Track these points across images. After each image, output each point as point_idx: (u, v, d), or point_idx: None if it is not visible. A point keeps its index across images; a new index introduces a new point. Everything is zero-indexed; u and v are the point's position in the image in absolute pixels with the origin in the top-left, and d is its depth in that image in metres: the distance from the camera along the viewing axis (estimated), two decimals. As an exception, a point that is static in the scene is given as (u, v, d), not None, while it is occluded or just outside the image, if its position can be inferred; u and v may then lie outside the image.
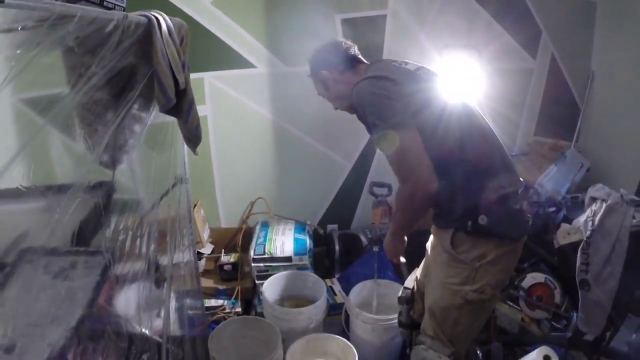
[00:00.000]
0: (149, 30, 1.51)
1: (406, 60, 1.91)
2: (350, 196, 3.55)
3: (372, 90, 1.71)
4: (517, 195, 1.72)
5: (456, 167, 1.67)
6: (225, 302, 2.97)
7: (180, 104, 1.73)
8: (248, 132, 3.27)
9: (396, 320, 2.53)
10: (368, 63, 2.00)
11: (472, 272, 1.69)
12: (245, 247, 3.29)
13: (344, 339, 2.52)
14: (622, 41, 3.17)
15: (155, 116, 1.92)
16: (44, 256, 1.46)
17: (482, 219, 1.63)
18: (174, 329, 1.88)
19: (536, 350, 2.12)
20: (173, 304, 1.87)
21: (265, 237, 3.11)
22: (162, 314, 1.74)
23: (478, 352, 2.40)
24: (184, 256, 2.15)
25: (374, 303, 2.63)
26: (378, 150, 3.32)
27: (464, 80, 3.10)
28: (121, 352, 1.44)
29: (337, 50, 2.01)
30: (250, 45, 3.07)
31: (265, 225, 3.30)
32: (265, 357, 2.24)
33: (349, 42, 2.05)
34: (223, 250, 3.22)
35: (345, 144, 3.42)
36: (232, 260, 3.11)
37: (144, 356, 1.55)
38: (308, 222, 3.41)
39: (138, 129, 2.21)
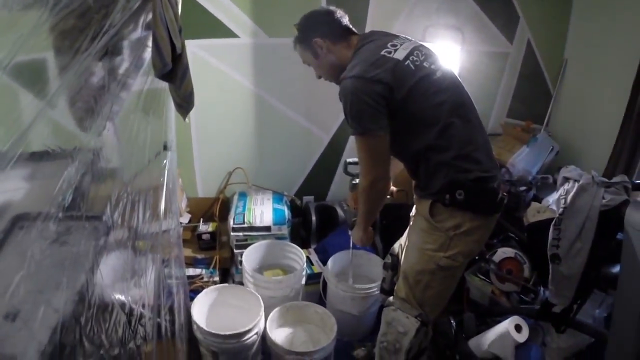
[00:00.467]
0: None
1: (396, 42, 1.85)
2: (326, 169, 3.61)
3: (358, 95, 1.73)
4: (494, 177, 1.83)
5: (440, 152, 1.77)
6: (204, 271, 3.00)
7: (175, 69, 1.73)
8: (228, 102, 3.26)
9: (373, 290, 2.64)
10: (359, 35, 1.99)
11: (446, 240, 1.81)
12: (223, 217, 3.32)
13: (322, 307, 2.61)
14: (596, 31, 3.28)
15: (144, 82, 1.91)
16: (37, 222, 1.47)
17: (460, 194, 1.75)
18: (158, 298, 1.90)
19: (508, 320, 2.26)
20: (157, 272, 1.89)
21: (244, 206, 3.15)
22: (146, 282, 1.76)
23: (452, 321, 2.53)
24: (169, 224, 2.16)
25: (350, 273, 2.71)
26: None
27: (445, 59, 3.17)
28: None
29: (331, 19, 1.97)
30: (234, 15, 3.05)
31: (243, 195, 3.34)
32: (247, 324, 2.30)
33: (342, 11, 2.01)
34: (201, 220, 3.24)
35: (323, 118, 3.46)
36: (210, 229, 3.14)
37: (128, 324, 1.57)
38: (285, 193, 3.46)
39: (124, 95, 2.20)
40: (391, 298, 2.00)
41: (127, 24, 1.88)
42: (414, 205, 2.10)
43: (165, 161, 1.97)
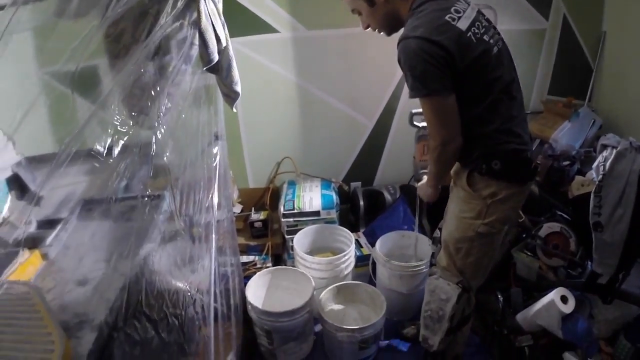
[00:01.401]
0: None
1: (459, 7, 1.79)
2: (372, 154, 3.69)
3: (423, 56, 1.68)
4: (527, 149, 1.90)
5: (483, 125, 1.82)
6: (257, 257, 3.16)
7: (221, 62, 1.87)
8: (273, 95, 3.39)
9: (421, 268, 2.71)
10: None
11: (484, 207, 1.88)
12: (273, 206, 3.47)
13: (372, 286, 2.71)
14: (632, 1, 3.23)
15: (193, 77, 2.05)
16: (101, 204, 1.64)
17: (495, 164, 1.82)
18: (214, 283, 2.03)
19: (554, 291, 2.29)
20: (213, 259, 2.01)
21: (293, 194, 3.28)
22: (203, 267, 1.88)
23: (499, 296, 2.57)
24: (223, 212, 2.30)
25: (413, 249, 2.83)
26: (405, 93, 3.44)
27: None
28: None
29: None
30: (273, 11, 3.16)
31: (292, 183, 3.47)
32: (300, 303, 2.42)
33: None
34: (253, 209, 3.39)
35: (366, 104, 3.54)
36: (261, 217, 3.29)
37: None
38: (333, 180, 3.57)
39: (173, 91, 2.36)
40: (433, 268, 2.11)
41: (174, 24, 2.04)
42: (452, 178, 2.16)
43: (217, 150, 2.09)
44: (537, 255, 2.73)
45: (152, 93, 2.29)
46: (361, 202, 3.45)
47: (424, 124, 2.35)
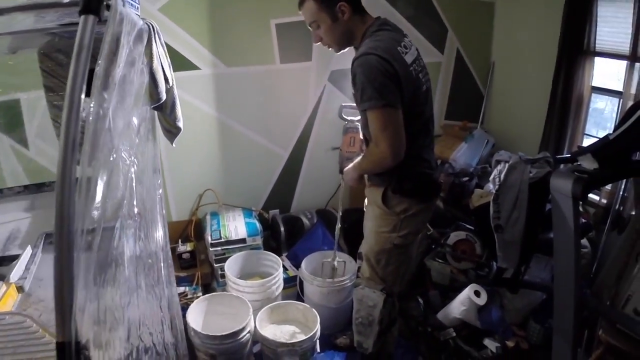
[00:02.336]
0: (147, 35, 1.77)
1: (406, 43, 1.97)
2: (288, 182, 3.91)
3: (381, 69, 1.81)
4: (434, 172, 2.19)
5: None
6: (187, 288, 3.22)
7: (167, 100, 1.99)
8: (194, 129, 3.50)
9: (346, 282, 2.93)
10: (371, 17, 2.07)
11: (398, 222, 2.13)
12: (198, 237, 3.56)
13: (303, 304, 2.88)
14: (517, 34, 3.76)
15: (134, 113, 2.13)
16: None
17: (407, 184, 2.08)
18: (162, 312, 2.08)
19: (468, 287, 2.61)
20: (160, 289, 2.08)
21: (218, 224, 3.39)
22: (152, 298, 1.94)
23: (420, 300, 2.86)
24: (162, 244, 2.36)
25: (334, 262, 3.02)
26: (317, 123, 3.74)
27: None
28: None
29: None
30: (195, 49, 3.32)
31: (214, 214, 3.57)
32: (239, 326, 2.53)
33: None
34: (180, 241, 3.46)
35: (282, 136, 3.76)
36: (188, 248, 3.36)
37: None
38: (253, 209, 3.72)
39: (113, 128, 2.42)
40: (358, 280, 2.33)
41: (115, 61, 2.13)
42: (366, 199, 2.37)
43: (160, 182, 2.17)
44: (448, 261, 3.06)
45: (88, 129, 2.35)
46: (282, 228, 3.63)
47: (353, 117, 2.51)
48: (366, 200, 2.38)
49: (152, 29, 1.77)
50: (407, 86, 1.90)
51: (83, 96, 1.93)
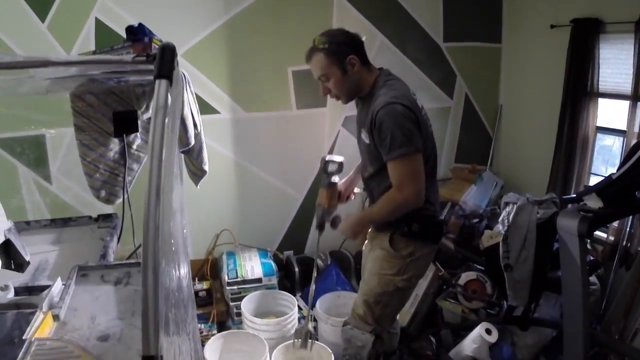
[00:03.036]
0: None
1: (412, 89, 2.08)
2: (302, 224, 4.00)
3: (408, 117, 1.90)
4: (438, 215, 2.25)
5: None
6: (203, 325, 3.28)
7: (195, 145, 2.13)
8: (211, 171, 3.57)
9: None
10: (376, 67, 2.14)
11: (403, 265, 2.14)
12: (214, 275, 3.64)
13: (318, 342, 2.93)
14: (524, 78, 3.91)
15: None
16: (95, 270, 1.80)
17: (415, 227, 2.11)
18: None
19: (479, 325, 2.66)
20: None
21: (234, 263, 3.48)
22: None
23: (432, 338, 2.90)
24: (187, 281, 2.45)
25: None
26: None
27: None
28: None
29: (362, 43, 2.10)
30: (215, 94, 3.50)
31: (230, 254, 3.66)
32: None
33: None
34: (196, 279, 3.54)
35: (297, 179, 3.89)
36: (205, 287, 3.44)
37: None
38: (269, 249, 3.81)
39: (136, 167, 2.56)
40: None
41: (143, 105, 2.28)
42: (366, 242, 2.41)
43: (185, 221, 2.27)
44: (459, 301, 3.11)
45: (115, 168, 2.49)
46: (296, 269, 3.70)
47: (336, 176, 2.38)
48: (366, 244, 2.42)
49: (184, 77, 1.91)
50: (425, 131, 2.00)
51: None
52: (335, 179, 2.32)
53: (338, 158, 2.30)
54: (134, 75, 1.82)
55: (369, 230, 2.34)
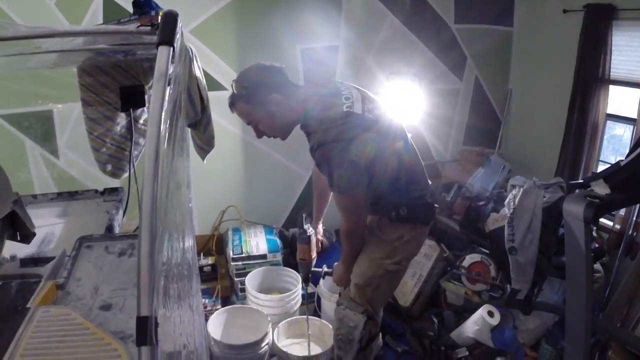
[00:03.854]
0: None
1: (345, 92, 1.95)
2: (309, 202, 3.97)
3: (343, 157, 1.81)
4: (427, 194, 2.16)
5: (390, 183, 2.04)
6: (207, 300, 3.31)
7: (201, 118, 2.13)
8: (219, 147, 3.60)
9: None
10: (302, 87, 2.06)
11: (392, 249, 2.10)
12: (219, 251, 3.67)
13: (320, 319, 2.96)
14: (535, 63, 3.88)
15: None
16: (100, 242, 1.82)
17: (403, 210, 2.08)
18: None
19: (482, 307, 2.67)
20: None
21: (240, 239, 3.50)
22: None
23: (434, 319, 2.92)
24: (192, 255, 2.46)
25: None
26: None
27: (407, 100, 3.68)
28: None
29: (282, 73, 1.99)
30: (222, 70, 3.48)
31: (236, 230, 3.69)
32: (257, 338, 2.63)
33: (282, 65, 2.04)
34: (201, 254, 3.57)
35: (303, 157, 3.86)
36: (210, 262, 3.47)
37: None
38: (274, 226, 3.83)
39: (142, 142, 2.57)
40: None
41: (150, 80, 2.28)
42: None
43: (191, 194, 2.28)
44: (462, 283, 3.12)
45: (122, 142, 2.50)
46: (302, 246, 3.71)
47: (310, 230, 2.41)
48: None
49: (191, 51, 1.91)
50: (370, 131, 1.90)
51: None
52: (309, 230, 2.37)
53: (308, 211, 2.43)
54: (140, 48, 1.82)
55: None
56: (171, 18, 1.13)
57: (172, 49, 1.07)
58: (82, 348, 1.18)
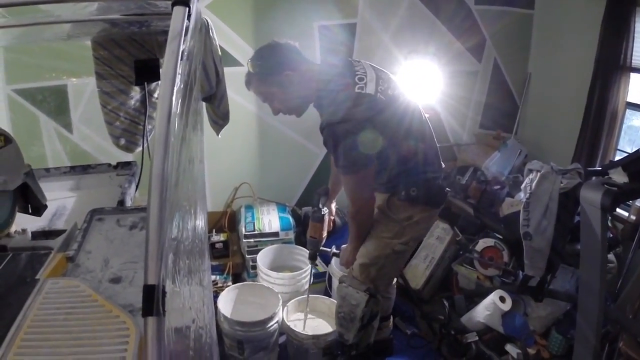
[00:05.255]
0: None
1: (360, 73, 1.95)
2: (322, 181, 3.96)
3: (350, 138, 1.83)
4: (440, 176, 2.16)
5: (403, 163, 2.06)
6: (218, 277, 3.33)
7: (217, 92, 2.11)
8: (233, 124, 3.56)
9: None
10: (317, 65, 2.08)
11: (400, 229, 2.11)
12: (231, 228, 3.67)
13: (330, 298, 2.96)
14: (555, 47, 3.80)
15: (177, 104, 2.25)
16: (111, 215, 1.82)
17: (413, 191, 2.06)
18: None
19: (493, 293, 2.65)
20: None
21: (252, 216, 3.50)
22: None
23: (445, 302, 2.90)
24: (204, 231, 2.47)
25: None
26: None
27: (425, 80, 3.63)
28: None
29: (296, 51, 2.03)
30: (238, 46, 3.45)
31: (249, 207, 3.69)
32: (267, 315, 2.63)
33: (296, 43, 2.06)
34: (214, 231, 3.58)
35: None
36: (222, 239, 3.48)
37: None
38: (287, 204, 3.82)
39: (156, 116, 2.56)
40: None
41: (164, 54, 2.26)
42: None
43: (204, 169, 2.27)
44: (475, 267, 3.10)
45: (136, 116, 2.49)
46: (314, 225, 3.71)
47: (325, 209, 2.44)
48: None
49: (207, 23, 1.88)
50: (381, 114, 1.90)
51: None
52: (324, 209, 2.40)
53: (324, 190, 2.42)
54: (155, 19, 1.80)
55: None
56: (187, -21, 1.10)
57: (187, 9, 1.04)
58: (90, 320, 1.18)
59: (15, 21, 1.70)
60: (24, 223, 1.69)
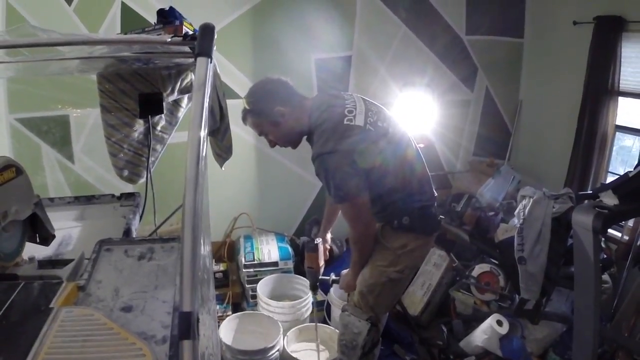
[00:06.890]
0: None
1: (349, 105, 2.00)
2: (320, 211, 4.02)
3: (339, 168, 1.88)
4: (433, 204, 2.20)
5: (394, 193, 2.08)
6: (218, 306, 3.35)
7: (220, 127, 2.18)
8: (233, 155, 3.69)
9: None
10: (308, 98, 2.13)
11: (395, 257, 2.12)
12: (231, 258, 3.71)
13: (330, 326, 3.00)
14: (545, 74, 3.93)
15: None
16: (119, 245, 1.86)
17: (405, 220, 2.10)
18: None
19: (491, 317, 2.69)
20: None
21: (252, 246, 3.55)
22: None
23: (443, 328, 2.94)
24: (209, 260, 2.51)
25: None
26: None
27: (420, 111, 3.74)
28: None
29: (288, 86, 2.11)
30: (238, 79, 3.54)
31: (248, 237, 3.73)
32: (269, 344, 2.66)
33: (287, 78, 2.14)
34: (213, 261, 3.61)
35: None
36: (222, 268, 3.51)
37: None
38: (286, 234, 3.87)
39: (159, 148, 2.62)
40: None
41: (168, 87, 2.34)
42: None
43: (207, 201, 2.32)
44: (471, 292, 3.14)
45: (139, 148, 2.55)
46: (312, 254, 3.75)
47: (318, 239, 2.51)
48: None
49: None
50: (371, 146, 1.95)
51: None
52: (317, 239, 2.46)
53: (313, 220, 2.36)
54: (164, 57, 1.87)
55: None
56: (209, 30, 1.19)
57: (209, 59, 1.13)
58: (107, 347, 1.20)
59: (24, 57, 1.76)
60: (31, 252, 1.73)
